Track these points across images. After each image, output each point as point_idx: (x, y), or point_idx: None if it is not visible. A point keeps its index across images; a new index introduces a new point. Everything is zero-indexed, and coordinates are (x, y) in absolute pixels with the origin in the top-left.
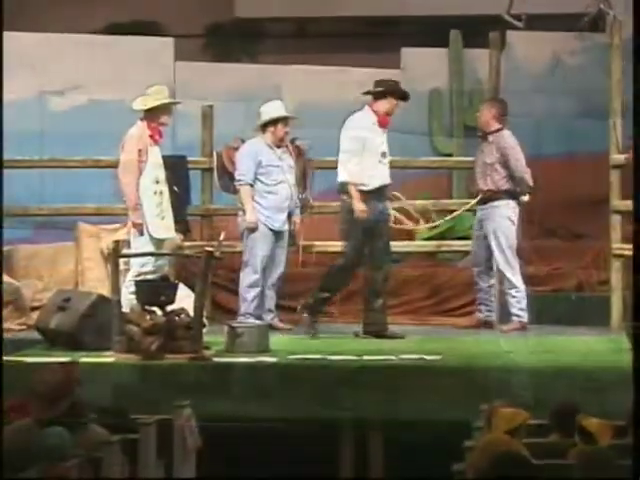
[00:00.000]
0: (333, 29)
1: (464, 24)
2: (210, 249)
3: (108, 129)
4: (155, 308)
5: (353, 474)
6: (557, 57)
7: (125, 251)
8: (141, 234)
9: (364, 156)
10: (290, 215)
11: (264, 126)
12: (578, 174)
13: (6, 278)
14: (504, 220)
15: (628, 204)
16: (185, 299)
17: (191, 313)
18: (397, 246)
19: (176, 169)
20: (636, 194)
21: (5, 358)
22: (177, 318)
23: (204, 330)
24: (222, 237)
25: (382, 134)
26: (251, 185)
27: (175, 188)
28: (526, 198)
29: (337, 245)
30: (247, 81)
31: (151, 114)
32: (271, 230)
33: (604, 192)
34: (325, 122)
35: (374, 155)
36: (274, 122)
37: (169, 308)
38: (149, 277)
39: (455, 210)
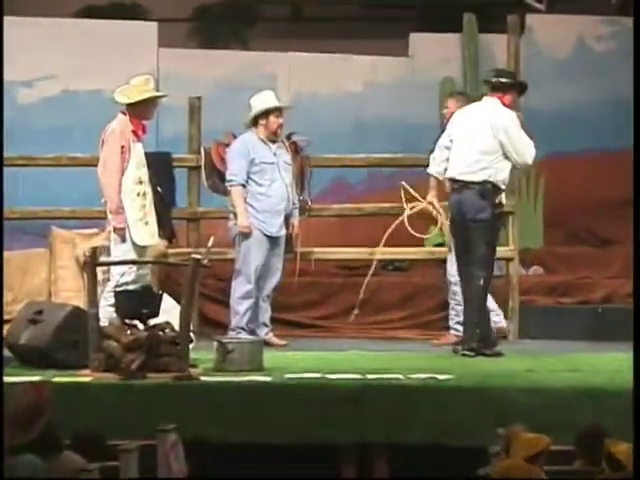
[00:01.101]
0: (333, 12)
1: (479, 6)
2: (197, 256)
3: (84, 123)
4: (137, 322)
5: None
6: (582, 43)
7: (103, 259)
8: (123, 240)
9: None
10: (287, 218)
11: (255, 119)
12: (606, 172)
13: None
14: None
15: None
16: (170, 312)
17: (176, 327)
18: (404, 252)
19: (160, 167)
20: (637, 195)
21: None
22: (161, 333)
23: (191, 346)
24: (211, 243)
25: None
26: (243, 186)
27: (159, 189)
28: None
29: (338, 252)
30: (238, 70)
31: (135, 107)
32: (266, 236)
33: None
34: (324, 114)
35: None
36: (265, 114)
37: (152, 322)
38: (130, 287)
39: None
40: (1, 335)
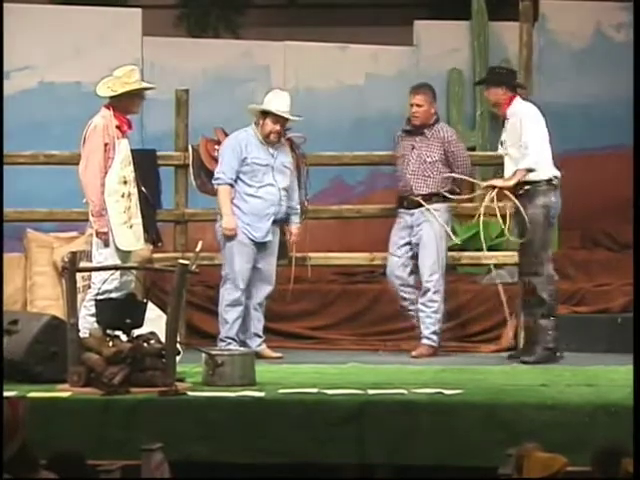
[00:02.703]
0: None
1: None
2: (185, 262)
3: (64, 117)
4: (119, 333)
5: None
6: (600, 32)
7: (84, 264)
8: (106, 245)
9: None
10: (284, 224)
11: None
12: (626, 171)
13: None
14: (443, 228)
15: None
16: (155, 321)
17: (162, 338)
18: None
19: (144, 166)
20: (637, 195)
21: None
22: (145, 344)
23: (178, 359)
24: (199, 247)
25: None
26: (231, 185)
27: (143, 189)
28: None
29: (336, 257)
30: (229, 60)
31: (119, 101)
32: (251, 240)
33: None
34: (322, 109)
35: None
36: (263, 114)
37: (136, 332)
38: (113, 295)
39: (475, 214)
40: (1, 330)
